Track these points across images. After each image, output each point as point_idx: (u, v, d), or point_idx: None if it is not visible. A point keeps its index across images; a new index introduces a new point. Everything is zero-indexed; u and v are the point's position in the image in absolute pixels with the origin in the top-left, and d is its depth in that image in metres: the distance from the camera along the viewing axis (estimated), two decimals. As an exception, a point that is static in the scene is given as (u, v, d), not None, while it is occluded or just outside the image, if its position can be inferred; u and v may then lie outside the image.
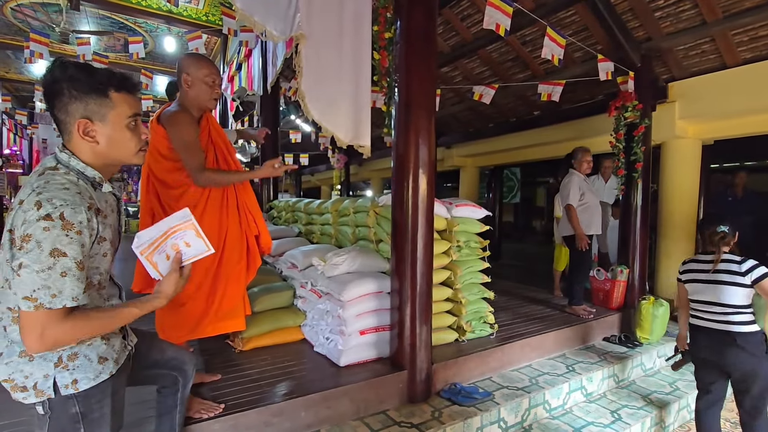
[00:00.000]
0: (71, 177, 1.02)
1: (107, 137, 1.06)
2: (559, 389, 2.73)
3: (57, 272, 0.93)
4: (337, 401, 2.19)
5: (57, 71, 1.02)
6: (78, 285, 0.97)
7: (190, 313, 1.98)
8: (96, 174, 1.07)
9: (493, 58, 5.25)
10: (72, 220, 0.94)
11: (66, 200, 0.95)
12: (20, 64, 8.75)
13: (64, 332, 0.96)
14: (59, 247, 0.93)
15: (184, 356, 1.52)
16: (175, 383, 1.50)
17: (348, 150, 8.98)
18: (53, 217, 0.92)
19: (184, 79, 1.90)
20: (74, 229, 0.94)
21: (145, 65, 7.95)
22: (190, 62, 1.92)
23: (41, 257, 0.92)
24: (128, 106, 1.08)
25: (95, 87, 1.03)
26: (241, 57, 4.86)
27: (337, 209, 3.60)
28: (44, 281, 0.92)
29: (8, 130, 9.90)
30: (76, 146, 1.07)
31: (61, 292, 0.94)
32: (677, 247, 4.48)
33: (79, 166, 1.05)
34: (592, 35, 4.30)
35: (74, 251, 0.95)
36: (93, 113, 1.04)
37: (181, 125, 1.85)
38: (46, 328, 0.94)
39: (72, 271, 0.95)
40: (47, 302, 0.93)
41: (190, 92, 1.92)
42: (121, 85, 1.07)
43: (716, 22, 3.67)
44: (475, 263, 3.02)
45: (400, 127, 2.44)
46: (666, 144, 4.54)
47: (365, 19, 2.43)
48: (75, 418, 1.06)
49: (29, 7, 6.48)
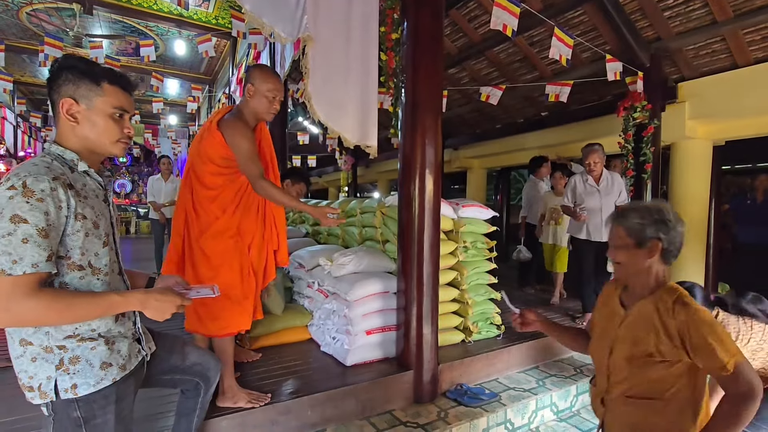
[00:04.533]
0: (45, 159, 1.06)
1: (89, 121, 1.11)
2: (567, 391, 2.71)
3: (18, 238, 0.94)
4: (343, 400, 2.20)
5: (62, 61, 1.12)
6: (39, 252, 0.96)
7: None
8: (74, 156, 1.11)
9: (500, 59, 5.24)
10: (33, 188, 0.96)
11: (30, 171, 0.98)
12: (34, 67, 8.94)
13: (31, 308, 0.95)
14: (19, 213, 0.94)
15: (209, 362, 1.50)
16: (197, 388, 1.50)
17: (355, 151, 9.02)
18: (16, 186, 0.96)
19: (248, 88, 1.94)
20: (35, 197, 0.96)
21: (156, 68, 8.07)
22: (257, 74, 1.94)
23: (2, 223, 0.94)
24: (117, 99, 1.13)
25: (89, 74, 1.10)
26: (249, 59, 4.91)
27: (344, 210, 3.62)
28: (5, 247, 0.94)
29: (23, 132, 10.11)
30: (61, 129, 1.12)
31: (21, 258, 0.94)
32: (686, 249, 4.35)
33: (57, 150, 1.10)
34: (601, 35, 4.27)
35: (35, 218, 0.96)
36: (80, 96, 1.10)
37: (242, 137, 1.88)
38: (10, 299, 0.94)
39: (33, 238, 0.95)
40: (8, 268, 0.93)
41: (250, 102, 1.95)
42: (116, 80, 1.14)
43: (727, 21, 3.63)
44: (481, 264, 3.01)
45: (406, 127, 2.45)
46: (676, 145, 4.49)
47: (372, 20, 2.44)
48: (77, 422, 1.07)
49: (44, 12, 6.62)
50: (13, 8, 6.53)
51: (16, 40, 7.46)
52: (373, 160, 9.67)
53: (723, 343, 1.05)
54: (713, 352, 1.05)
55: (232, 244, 1.94)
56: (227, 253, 1.94)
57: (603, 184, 3.54)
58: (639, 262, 1.22)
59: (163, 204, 5.35)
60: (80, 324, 1.07)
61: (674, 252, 1.21)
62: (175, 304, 1.14)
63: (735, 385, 1.04)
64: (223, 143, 1.89)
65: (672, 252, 1.21)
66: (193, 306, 1.77)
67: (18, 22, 6.99)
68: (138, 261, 6.84)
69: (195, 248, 1.96)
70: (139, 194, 14.62)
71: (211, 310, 1.91)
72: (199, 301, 1.83)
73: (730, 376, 1.04)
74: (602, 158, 3.52)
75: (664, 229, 1.18)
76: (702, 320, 1.08)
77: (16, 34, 7.39)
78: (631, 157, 3.96)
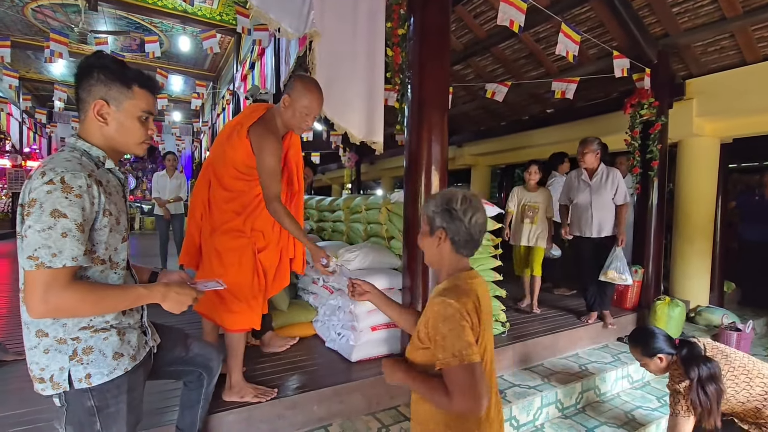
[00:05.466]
0: (75, 154, 1.08)
1: (118, 122, 1.13)
2: (572, 389, 2.70)
3: (57, 232, 0.97)
4: (349, 396, 2.20)
5: (93, 58, 1.12)
6: (78, 246, 1.00)
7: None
8: (100, 153, 1.13)
9: (506, 55, 5.21)
10: (72, 184, 0.99)
11: (66, 167, 1.01)
12: (39, 63, 8.98)
13: (67, 299, 0.99)
14: (59, 208, 0.97)
15: (210, 353, 1.53)
16: (200, 379, 1.52)
17: (359, 149, 9.02)
18: (54, 181, 0.98)
19: (284, 98, 1.90)
20: (74, 193, 0.99)
21: (161, 65, 8.08)
22: (296, 87, 1.88)
23: (42, 217, 0.96)
24: (145, 102, 1.16)
25: (121, 77, 1.12)
26: (254, 56, 4.91)
27: (349, 206, 3.61)
28: (45, 240, 0.96)
29: (28, 128, 10.16)
30: (87, 126, 1.13)
31: (61, 251, 0.97)
32: (693, 247, 4.39)
33: (84, 146, 1.12)
34: (608, 31, 4.24)
35: (74, 213, 0.99)
36: (111, 98, 1.11)
37: (269, 153, 1.85)
38: (48, 290, 0.97)
39: (72, 232, 0.98)
40: (48, 261, 0.96)
41: (284, 113, 1.92)
42: (145, 83, 1.16)
43: (736, 18, 3.59)
44: (486, 261, 3.01)
45: (413, 124, 2.44)
46: (683, 142, 4.46)
47: (379, 15, 2.44)
48: (91, 411, 1.09)
49: (49, 8, 6.64)
50: (18, 4, 6.56)
51: (21, 36, 7.49)
52: (377, 158, 9.67)
53: (445, 339, 1.03)
54: (437, 345, 1.05)
55: (244, 243, 1.95)
56: (238, 251, 1.94)
57: (595, 179, 3.49)
58: (431, 250, 1.20)
59: (167, 200, 5.37)
60: (95, 315, 1.09)
61: (461, 242, 1.15)
62: (192, 297, 1.19)
63: (447, 382, 1.03)
64: (249, 153, 1.87)
65: (459, 242, 1.15)
66: (210, 295, 1.80)
67: (23, 18, 7.02)
68: (142, 257, 6.87)
69: (208, 244, 1.97)
70: (143, 190, 14.68)
71: (225, 303, 1.92)
72: (216, 293, 1.86)
73: (444, 372, 1.04)
74: (593, 151, 3.45)
75: (447, 219, 1.14)
76: (439, 313, 1.06)
77: (22, 30, 7.42)
78: (637, 154, 3.93)
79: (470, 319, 1.05)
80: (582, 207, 3.53)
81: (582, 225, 3.53)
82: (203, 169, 2.07)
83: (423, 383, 1.09)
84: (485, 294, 1.17)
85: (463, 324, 1.03)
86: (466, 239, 1.15)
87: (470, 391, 1.00)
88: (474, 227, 1.14)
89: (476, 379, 1.01)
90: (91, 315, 1.08)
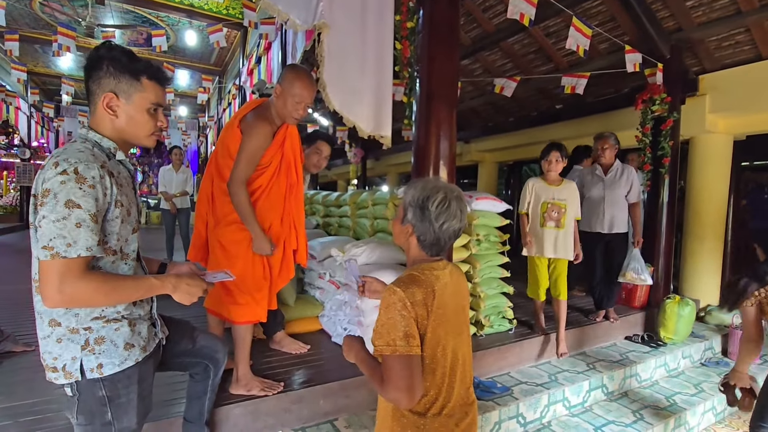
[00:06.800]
0: (87, 145, 1.09)
1: (127, 115, 1.13)
2: (580, 386, 2.68)
3: (72, 222, 0.97)
4: (355, 391, 2.20)
5: (103, 49, 1.11)
6: (92, 236, 1.00)
7: None
8: (111, 144, 1.14)
9: (515, 50, 5.15)
10: (85, 175, 1.00)
11: (80, 158, 1.01)
12: (47, 57, 9.02)
13: (82, 289, 0.99)
14: (73, 198, 0.98)
15: (216, 344, 1.54)
16: (206, 370, 1.53)
17: (365, 144, 8.99)
18: (68, 171, 0.98)
19: (276, 87, 1.91)
20: (87, 183, 1.00)
21: (167, 59, 8.09)
22: (287, 76, 1.89)
23: (57, 207, 0.97)
24: (154, 95, 1.15)
25: (131, 69, 1.11)
26: (260, 50, 4.88)
27: (355, 201, 3.60)
28: (60, 230, 0.97)
29: (36, 122, 10.22)
30: (97, 118, 1.13)
31: (75, 242, 0.98)
32: (704, 246, 4.33)
33: (95, 137, 1.12)
34: (619, 26, 4.17)
35: (88, 204, 0.99)
36: (121, 91, 1.11)
37: (253, 137, 1.85)
38: (64, 280, 0.97)
39: (86, 222, 0.99)
40: (63, 251, 0.97)
41: (276, 102, 1.92)
42: (154, 75, 1.15)
43: (752, 11, 3.51)
44: (494, 257, 2.98)
45: (421, 118, 2.41)
46: (695, 139, 4.38)
47: (388, 8, 2.40)
48: (102, 401, 1.09)
49: (56, 2, 6.65)
50: (26, -2, 6.58)
51: (29, 30, 7.52)
52: (383, 153, 9.63)
53: (383, 327, 1.02)
54: (375, 331, 1.04)
55: (247, 235, 1.94)
56: (241, 244, 1.94)
57: (610, 175, 3.46)
58: (399, 237, 1.18)
59: (174, 194, 5.38)
60: (108, 305, 1.09)
61: (427, 244, 1.11)
62: (202, 288, 1.20)
63: (382, 369, 1.04)
64: (240, 141, 1.88)
65: (425, 243, 1.11)
66: (216, 289, 1.80)
67: (31, 12, 7.05)
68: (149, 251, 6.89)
69: (212, 237, 1.99)
70: (149, 185, 14.77)
71: (231, 295, 1.92)
72: (222, 286, 1.87)
73: (381, 359, 1.04)
74: (612, 146, 3.42)
75: (419, 217, 1.09)
76: (384, 300, 1.04)
77: (29, 24, 7.45)
78: (648, 151, 3.87)
79: (414, 310, 1.01)
80: (594, 202, 3.48)
81: (592, 220, 3.49)
82: (208, 165, 2.07)
83: (368, 366, 1.10)
84: (448, 287, 1.10)
85: (403, 314, 1.01)
86: (432, 242, 1.11)
87: (400, 381, 0.99)
88: (443, 233, 1.10)
89: (409, 372, 1.00)
90: (105, 305, 1.08)
